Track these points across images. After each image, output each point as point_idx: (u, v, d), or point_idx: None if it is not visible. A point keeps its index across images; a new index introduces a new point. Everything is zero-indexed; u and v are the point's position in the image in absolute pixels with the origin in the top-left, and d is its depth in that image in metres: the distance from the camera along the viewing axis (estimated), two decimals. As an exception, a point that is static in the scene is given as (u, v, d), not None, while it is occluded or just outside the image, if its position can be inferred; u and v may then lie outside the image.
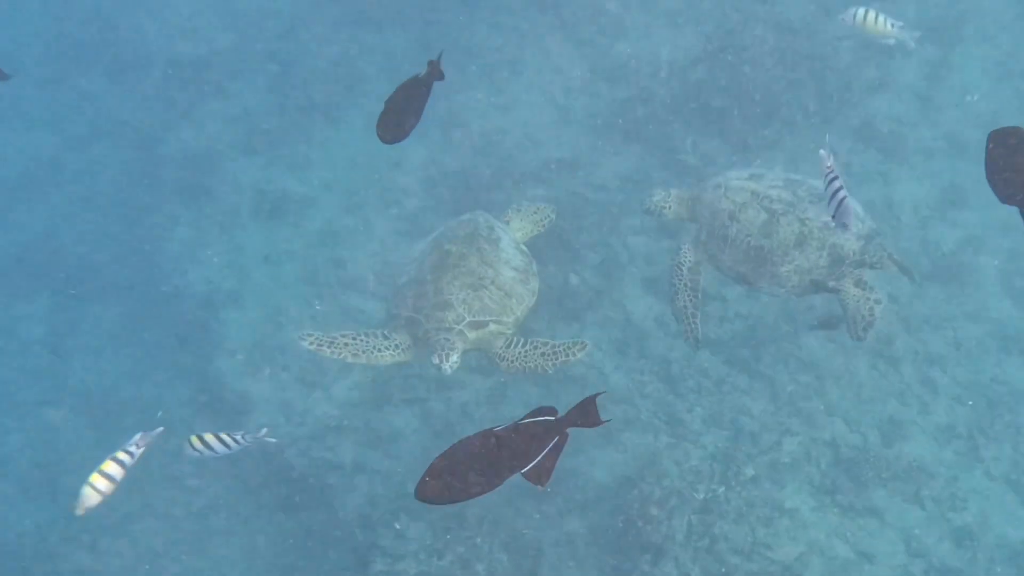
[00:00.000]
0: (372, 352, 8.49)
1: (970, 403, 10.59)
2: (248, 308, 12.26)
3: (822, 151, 7.27)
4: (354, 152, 13.25)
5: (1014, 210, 10.64)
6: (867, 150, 12.08)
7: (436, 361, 8.24)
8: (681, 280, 9.09)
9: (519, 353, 8.58)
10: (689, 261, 9.12)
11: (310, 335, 8.53)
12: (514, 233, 9.42)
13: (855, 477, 10.14)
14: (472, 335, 8.43)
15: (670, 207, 9.35)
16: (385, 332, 8.63)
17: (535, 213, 9.71)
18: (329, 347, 8.50)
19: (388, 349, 8.51)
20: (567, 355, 8.65)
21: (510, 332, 8.64)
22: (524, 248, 9.26)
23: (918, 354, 10.82)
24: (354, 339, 8.53)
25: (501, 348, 8.56)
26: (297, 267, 12.42)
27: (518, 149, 12.74)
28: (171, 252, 12.83)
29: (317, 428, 11.12)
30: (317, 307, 11.82)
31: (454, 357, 8.24)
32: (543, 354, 8.58)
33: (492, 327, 8.49)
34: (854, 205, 8.34)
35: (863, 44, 12.72)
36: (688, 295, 9.05)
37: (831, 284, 8.61)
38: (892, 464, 10.17)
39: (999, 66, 12.65)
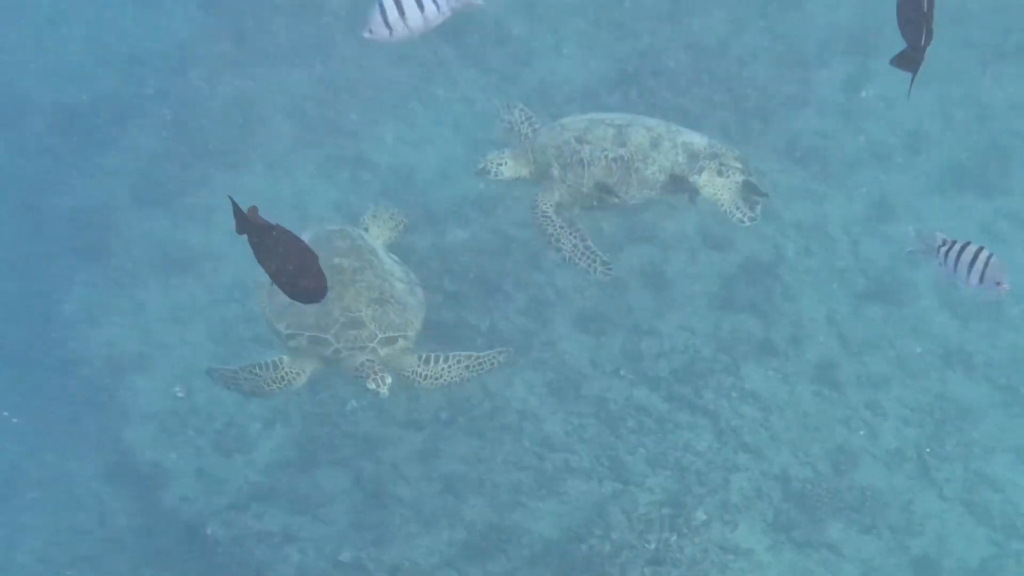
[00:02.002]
0: (261, 387, 8.28)
1: (918, 424, 10.57)
2: (156, 371, 11.73)
3: (911, 230, 7.42)
4: (258, 198, 12.62)
5: (947, 221, 10.67)
6: (793, 168, 12.04)
7: (372, 386, 7.96)
8: (555, 225, 8.83)
9: (440, 370, 8.44)
10: (551, 204, 8.87)
11: (218, 369, 8.44)
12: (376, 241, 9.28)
13: (808, 511, 10.02)
14: (383, 352, 8.18)
15: (506, 163, 9.02)
16: (274, 361, 8.31)
17: (391, 219, 9.63)
18: (228, 381, 8.40)
19: (275, 383, 8.25)
20: (490, 364, 8.61)
21: (412, 347, 8.45)
22: (395, 257, 9.11)
23: (861, 377, 10.77)
24: (248, 373, 8.31)
25: (417, 365, 8.39)
26: (206, 325, 11.94)
27: (432, 187, 12.43)
28: (68, 314, 12.23)
29: (240, 496, 10.64)
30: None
31: (389, 379, 8.01)
32: (466, 367, 8.51)
33: (400, 343, 8.26)
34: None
35: (778, 60, 12.75)
36: (571, 234, 8.82)
37: (693, 178, 8.71)
38: (845, 494, 10.07)
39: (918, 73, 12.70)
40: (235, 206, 5.26)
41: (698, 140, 8.84)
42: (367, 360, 8.12)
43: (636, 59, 12.63)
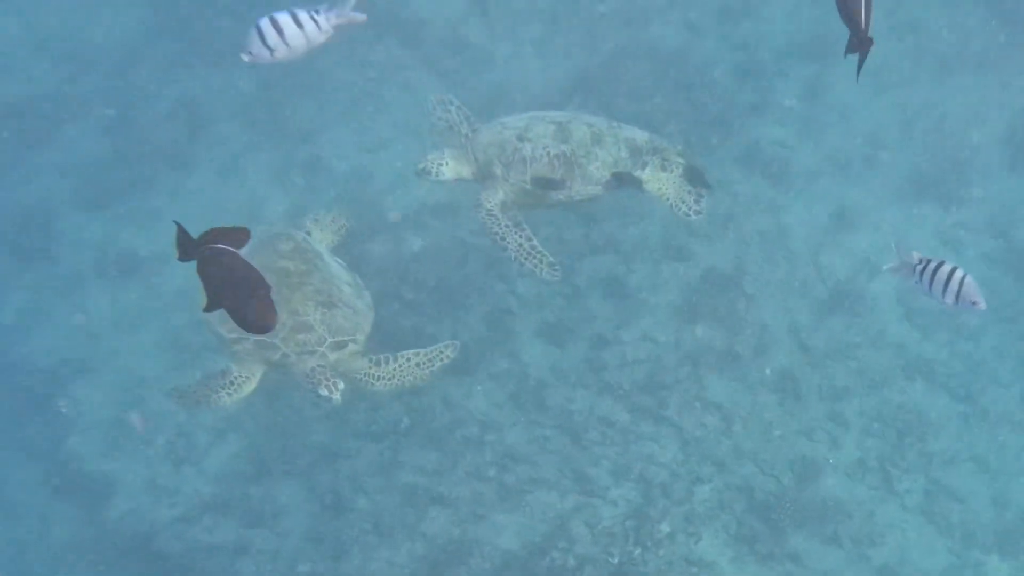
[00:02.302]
0: (209, 396, 8.31)
1: (879, 434, 10.59)
2: (101, 380, 11.42)
3: (894, 246, 7.57)
4: (206, 202, 12.47)
5: (906, 231, 10.71)
6: (752, 176, 11.99)
7: (325, 392, 7.99)
8: (500, 224, 8.84)
9: (392, 370, 8.50)
10: (495, 202, 8.88)
11: (175, 389, 8.57)
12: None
13: (771, 522, 10.02)
14: (333, 357, 8.19)
15: (447, 163, 9.02)
16: (223, 368, 8.32)
17: (333, 222, 9.68)
18: (182, 398, 8.49)
19: (223, 389, 8.27)
20: (440, 358, 8.73)
21: (362, 351, 8.47)
22: (340, 260, 9.10)
23: (823, 388, 10.76)
24: (198, 385, 8.42)
25: (369, 368, 8.43)
26: (154, 332, 11.62)
27: (389, 193, 12.19)
28: (5, 322, 11.88)
29: (191, 508, 10.45)
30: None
31: (342, 385, 8.04)
32: (417, 364, 8.57)
33: (351, 347, 8.30)
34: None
35: (737, 68, 12.71)
36: (517, 233, 8.84)
37: (637, 173, 8.86)
38: (807, 505, 10.08)
39: (874, 79, 12.77)
40: (180, 230, 5.13)
41: (640, 136, 8.96)
42: (318, 366, 8.05)
43: (595, 67, 12.50)
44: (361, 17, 7.07)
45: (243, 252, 8.22)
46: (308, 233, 9.33)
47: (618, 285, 11.26)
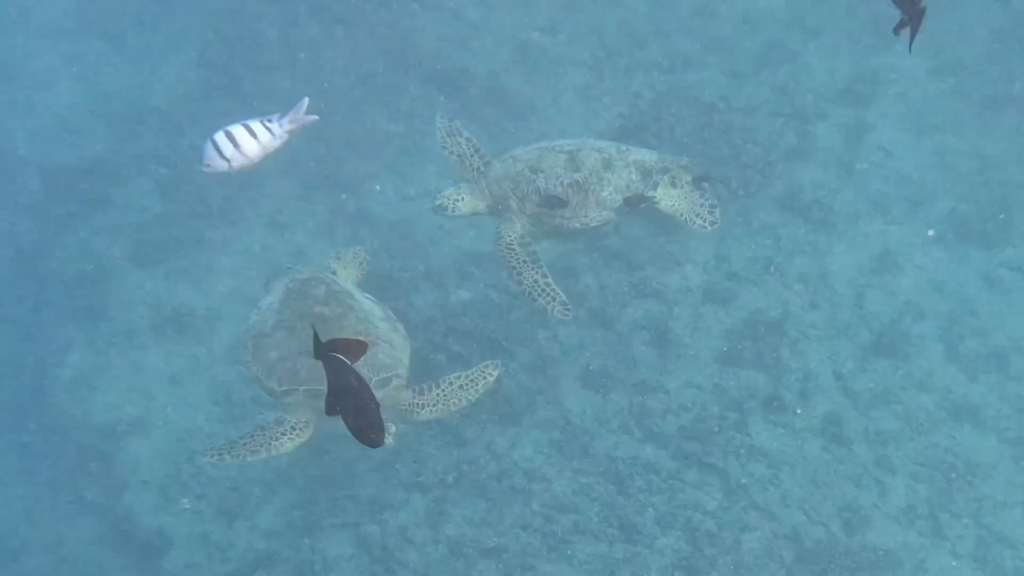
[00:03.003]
0: (270, 443, 8.24)
1: (928, 480, 10.51)
2: (156, 435, 11.66)
3: None
4: (256, 256, 12.73)
5: (950, 272, 10.64)
6: (794, 221, 12.03)
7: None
8: (518, 258, 8.94)
9: (437, 396, 8.48)
10: (514, 236, 9.01)
11: (211, 450, 8.29)
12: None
13: (821, 571, 9.94)
14: (379, 394, 8.08)
15: (463, 198, 9.17)
16: (278, 417, 8.35)
17: (355, 257, 9.73)
18: (229, 454, 8.24)
19: (284, 435, 8.26)
20: (484, 379, 8.65)
21: (405, 383, 8.48)
22: (370, 295, 9.13)
23: (870, 432, 10.71)
24: (251, 436, 8.29)
25: (414, 398, 8.44)
26: (206, 386, 11.86)
27: (431, 243, 12.37)
28: (65, 379, 12.13)
29: (244, 564, 10.61)
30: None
31: (393, 427, 8.02)
32: (460, 387, 8.53)
33: (395, 382, 8.33)
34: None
35: (777, 112, 12.76)
36: (533, 268, 8.91)
37: (650, 194, 8.96)
38: (857, 554, 10.00)
39: (915, 123, 12.78)
40: (314, 333, 5.75)
41: (649, 156, 9.10)
42: None
43: (636, 114, 12.63)
44: (313, 118, 7.22)
45: (279, 302, 8.49)
46: (333, 272, 9.46)
47: (660, 331, 11.34)
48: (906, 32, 5.69)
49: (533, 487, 10.52)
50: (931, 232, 11.98)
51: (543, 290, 8.85)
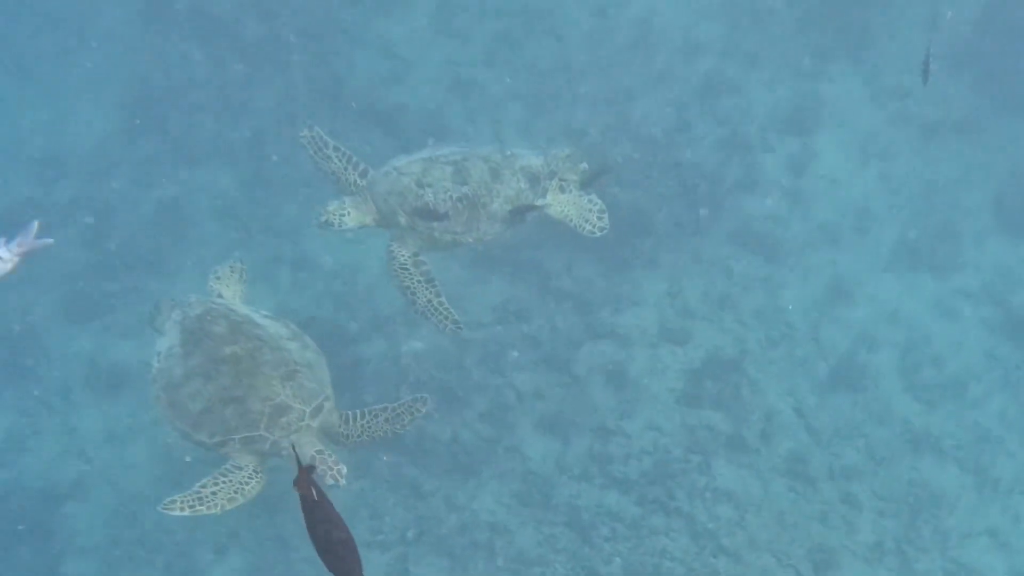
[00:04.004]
0: (240, 487, 8.17)
1: (893, 514, 10.60)
2: (95, 499, 11.25)
3: None
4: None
5: (902, 300, 10.78)
6: (746, 254, 12.07)
7: (331, 482, 7.94)
8: (411, 277, 9.03)
9: (362, 426, 8.48)
10: (407, 255, 9.06)
11: (173, 501, 8.12)
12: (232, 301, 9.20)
13: (792, 615, 9.99)
14: (316, 424, 8.21)
15: (348, 212, 9.19)
16: (234, 463, 8.22)
17: (233, 272, 9.69)
18: (201, 504, 8.11)
19: (252, 478, 8.20)
20: (412, 414, 8.66)
21: (333, 402, 8.49)
22: (265, 311, 9.10)
23: (834, 469, 10.79)
24: (216, 484, 8.16)
25: (340, 427, 8.44)
26: (147, 445, 11.48)
27: (378, 288, 12.11)
28: (-7, 444, 11.74)
29: (195, 631, 10.33)
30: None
31: (345, 469, 8.02)
32: (387, 419, 8.53)
33: (325, 405, 8.32)
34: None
35: (723, 144, 12.79)
36: (426, 288, 9.04)
37: (539, 203, 9.06)
38: (828, 595, 10.08)
39: (859, 150, 12.91)
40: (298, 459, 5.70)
41: (535, 161, 9.20)
42: (316, 453, 8.01)
43: (581, 152, 12.54)
44: (48, 242, 7.03)
45: (180, 345, 8.28)
46: (219, 295, 9.32)
47: (618, 373, 11.27)
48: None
49: (496, 541, 10.37)
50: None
51: (436, 309, 9.03)
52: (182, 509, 8.11)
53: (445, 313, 9.06)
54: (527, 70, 13.64)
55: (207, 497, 8.16)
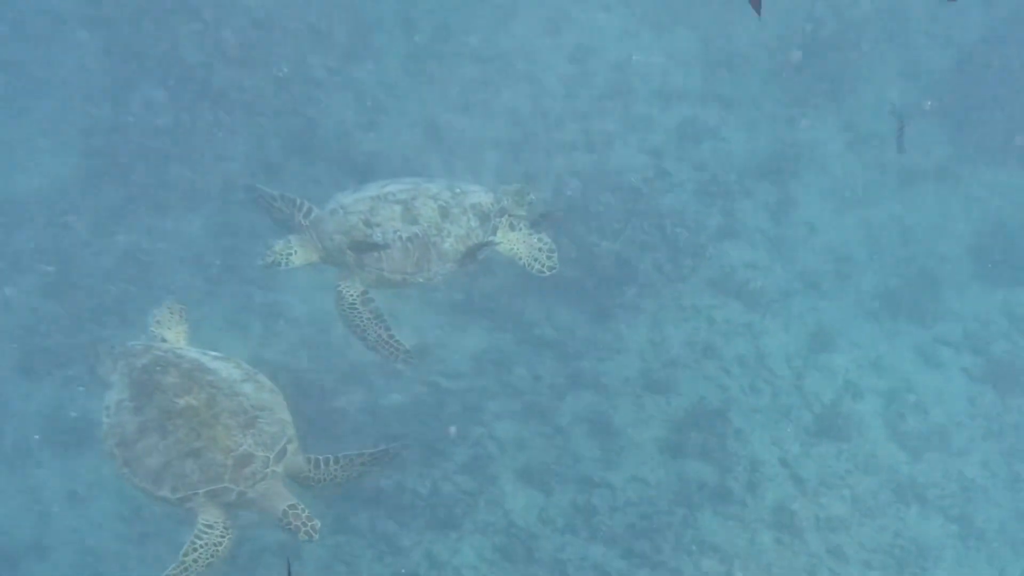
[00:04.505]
0: (215, 549, 7.96)
1: (880, 567, 10.50)
2: (57, 558, 10.86)
3: None
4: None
5: (884, 348, 10.84)
6: (728, 302, 12.06)
7: (304, 538, 7.85)
8: (360, 316, 9.05)
9: (333, 471, 8.27)
10: (355, 293, 9.07)
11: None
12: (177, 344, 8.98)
13: (783, 670, 9.84)
14: (280, 469, 8.05)
15: (295, 251, 9.18)
16: (204, 522, 7.98)
17: (172, 313, 9.35)
18: (184, 574, 7.91)
19: (225, 536, 7.99)
20: (385, 458, 8.47)
21: (296, 442, 8.27)
22: (214, 352, 8.84)
23: (819, 519, 10.69)
24: (195, 550, 7.93)
25: (308, 471, 8.21)
26: (111, 502, 11.13)
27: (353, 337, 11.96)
28: (-51, 502, 11.31)
29: None
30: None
31: (318, 523, 7.91)
32: (361, 463, 8.31)
33: (289, 447, 8.12)
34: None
35: (702, 191, 12.79)
36: (376, 325, 9.04)
37: (490, 239, 9.06)
38: (818, 651, 9.95)
39: (838, 196, 12.98)
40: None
41: (484, 199, 9.17)
42: (288, 507, 7.87)
43: (563, 203, 12.51)
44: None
45: (130, 399, 8.08)
46: (163, 339, 9.07)
47: (601, 423, 11.13)
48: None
49: (480, 601, 10.17)
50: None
51: (386, 343, 9.03)
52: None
53: (395, 347, 9.07)
54: (504, 115, 13.63)
55: (190, 565, 7.95)
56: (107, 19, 14.74)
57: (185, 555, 7.94)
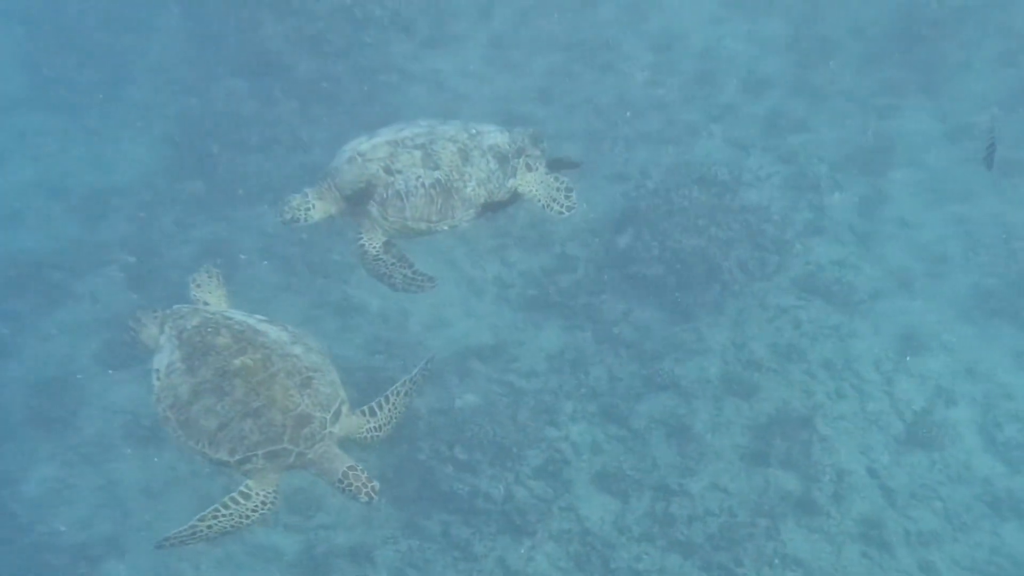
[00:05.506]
0: (239, 523, 7.57)
1: (975, 585, 10.01)
2: (133, 555, 10.85)
3: None
4: (238, 352, 12.00)
5: (980, 352, 10.18)
6: (814, 302, 11.54)
7: (365, 500, 7.49)
8: (386, 265, 8.60)
9: (388, 412, 8.00)
10: (378, 244, 8.63)
11: (166, 539, 7.52)
12: (220, 308, 8.65)
13: None
14: (336, 429, 7.73)
15: (313, 205, 8.60)
16: (242, 491, 7.62)
17: (211, 278, 8.98)
18: (192, 538, 7.53)
19: (256, 511, 7.62)
20: (423, 377, 8.20)
21: (349, 403, 7.95)
22: (260, 316, 8.49)
23: (910, 534, 10.15)
24: (214, 518, 7.56)
25: (366, 423, 7.93)
26: (187, 498, 11.07)
27: (428, 333, 11.75)
28: (30, 496, 11.26)
29: None
30: None
31: (377, 484, 7.54)
32: (406, 393, 8.04)
33: (343, 410, 7.80)
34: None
35: (789, 185, 12.26)
36: (401, 268, 8.60)
37: (510, 183, 8.64)
38: (907, 671, 9.49)
39: (932, 191, 12.36)
40: None
41: (501, 139, 8.74)
42: (347, 469, 7.56)
43: (647, 197, 12.12)
44: None
45: (182, 360, 7.87)
46: (205, 304, 8.75)
47: (679, 427, 10.75)
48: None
49: (550, 611, 9.89)
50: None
51: (412, 280, 8.62)
52: (170, 546, 7.56)
53: (421, 280, 8.60)
54: (585, 105, 13.23)
55: (202, 531, 7.57)
56: (191, 11, 14.70)
57: (202, 519, 7.56)
